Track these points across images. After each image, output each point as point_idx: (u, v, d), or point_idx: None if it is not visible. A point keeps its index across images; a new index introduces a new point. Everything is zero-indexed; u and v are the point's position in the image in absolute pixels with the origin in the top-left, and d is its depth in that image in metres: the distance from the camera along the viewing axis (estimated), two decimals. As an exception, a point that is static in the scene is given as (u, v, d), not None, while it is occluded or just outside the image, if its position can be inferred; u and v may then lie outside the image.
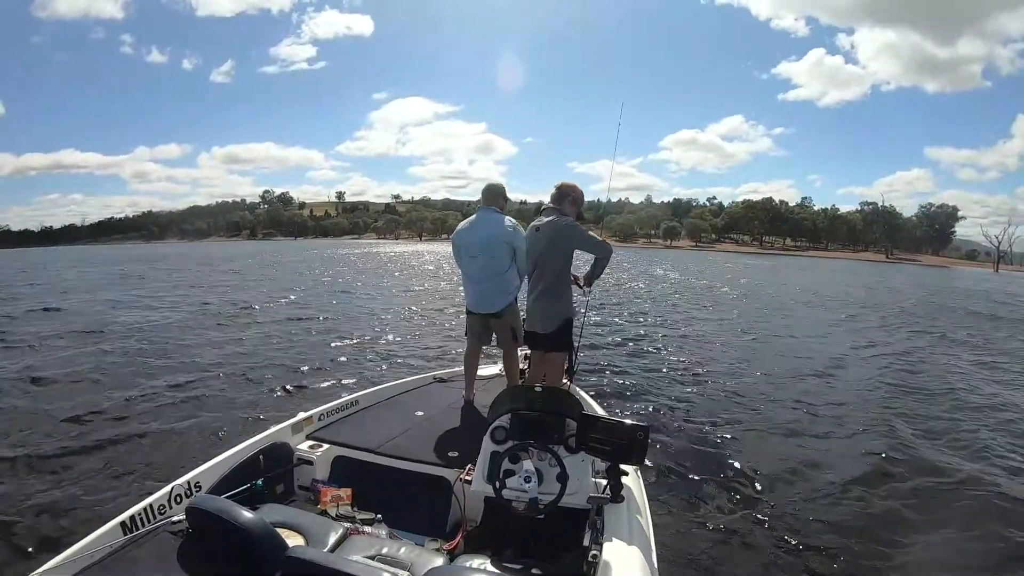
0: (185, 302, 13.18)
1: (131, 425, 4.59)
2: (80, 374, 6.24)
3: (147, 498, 1.90)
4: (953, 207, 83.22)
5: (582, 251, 3.12)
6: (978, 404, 5.65)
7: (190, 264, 31.00)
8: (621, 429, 1.91)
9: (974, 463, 4.00)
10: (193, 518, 1.64)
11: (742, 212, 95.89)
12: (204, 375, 6.24)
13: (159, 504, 1.89)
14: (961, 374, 7.02)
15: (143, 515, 1.82)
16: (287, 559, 1.40)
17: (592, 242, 3.09)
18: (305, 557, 1.40)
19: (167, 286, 17.51)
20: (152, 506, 1.87)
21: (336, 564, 1.36)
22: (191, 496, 1.98)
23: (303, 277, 21.88)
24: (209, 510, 1.55)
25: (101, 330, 9.06)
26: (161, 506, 1.89)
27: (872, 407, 5.31)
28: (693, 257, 54.02)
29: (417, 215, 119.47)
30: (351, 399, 3.13)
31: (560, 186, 3.18)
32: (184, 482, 2.03)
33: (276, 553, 1.42)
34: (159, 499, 1.91)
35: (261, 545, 1.44)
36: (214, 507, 1.56)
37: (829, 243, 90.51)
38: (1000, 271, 61.82)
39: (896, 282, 27.68)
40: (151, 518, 1.84)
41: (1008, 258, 72.03)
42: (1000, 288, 28.48)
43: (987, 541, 2.98)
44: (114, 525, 1.74)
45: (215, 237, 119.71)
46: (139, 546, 1.69)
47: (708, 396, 5.55)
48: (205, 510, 1.57)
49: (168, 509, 1.90)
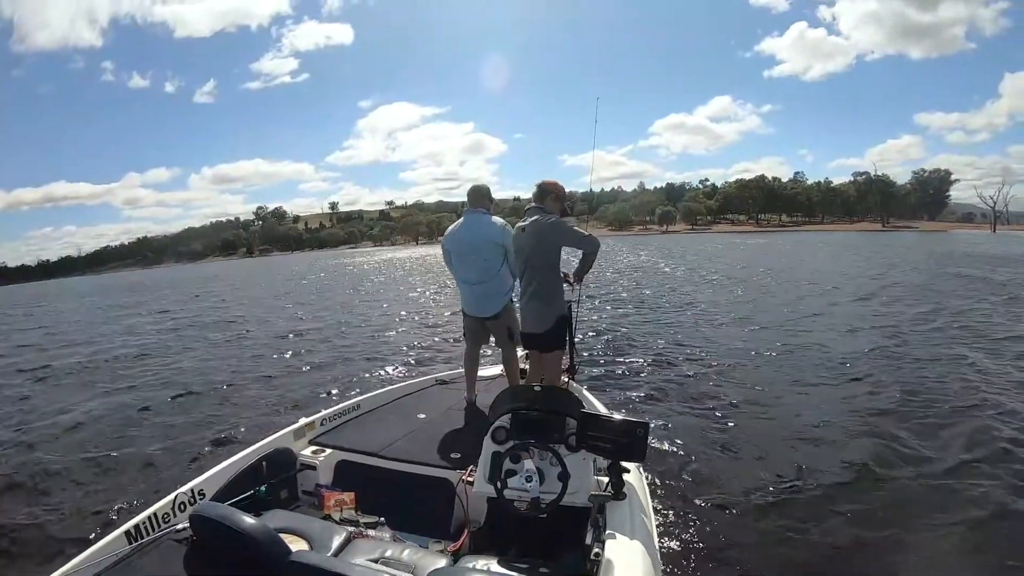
0: (186, 313, 13.42)
1: (135, 434, 4.59)
2: (82, 385, 6.34)
3: (151, 507, 1.92)
4: (946, 171, 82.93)
5: (569, 247, 3.11)
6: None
7: (189, 285, 31.22)
8: (622, 427, 1.90)
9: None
10: (197, 526, 1.64)
11: (736, 192, 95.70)
12: (207, 384, 6.20)
13: (163, 512, 1.91)
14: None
15: (148, 524, 1.84)
16: (291, 564, 1.40)
17: (578, 237, 3.08)
18: (309, 562, 1.41)
19: (173, 302, 17.77)
20: (156, 514, 1.88)
21: (339, 568, 1.37)
22: (195, 504, 2.00)
23: (302, 287, 22.01)
24: (212, 517, 1.56)
25: (99, 342, 9.14)
26: (165, 514, 1.91)
27: (883, 402, 4.95)
28: (690, 240, 53.56)
29: (412, 220, 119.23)
30: (353, 403, 3.14)
31: (541, 185, 3.21)
32: (188, 490, 2.05)
33: (280, 559, 1.43)
34: (163, 507, 1.93)
35: (265, 551, 1.44)
36: (217, 514, 1.56)
37: (825, 216, 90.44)
38: (998, 231, 61.62)
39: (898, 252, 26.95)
40: (156, 527, 1.85)
41: (1004, 217, 71.77)
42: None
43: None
44: (119, 534, 1.76)
45: (211, 258, 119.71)
46: (144, 555, 1.70)
47: (711, 392, 5.42)
48: (209, 517, 1.57)
49: (172, 517, 1.92)
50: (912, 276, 15.54)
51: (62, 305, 24.35)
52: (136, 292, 25.11)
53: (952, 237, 47.83)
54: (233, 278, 33.76)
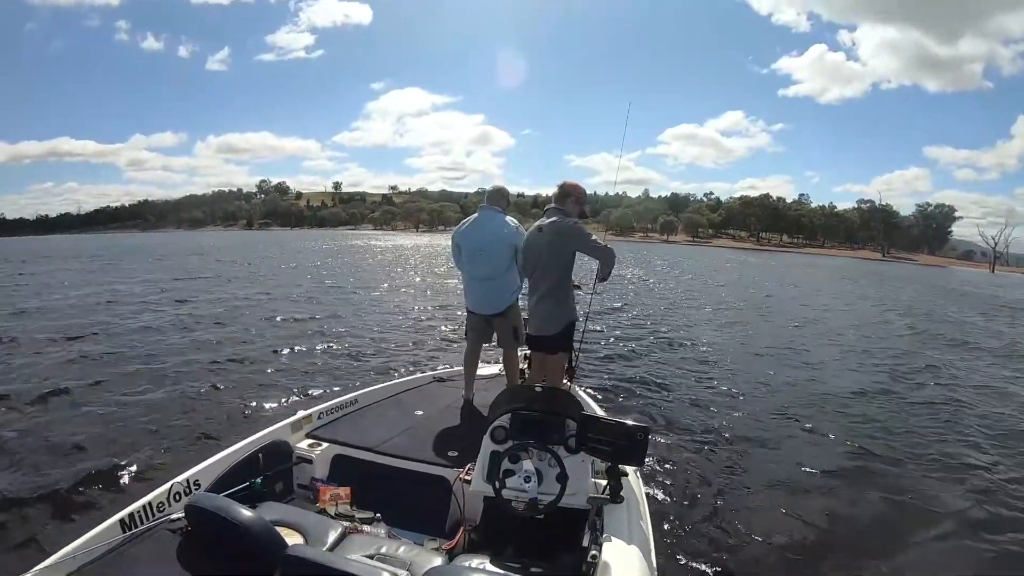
0: (182, 295, 12.96)
1: (131, 423, 4.58)
2: (75, 373, 6.15)
3: (146, 496, 1.90)
4: (950, 207, 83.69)
5: (583, 254, 3.07)
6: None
7: (189, 256, 30.71)
8: (621, 430, 1.91)
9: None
10: (192, 516, 1.64)
11: (739, 208, 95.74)
12: (203, 373, 6.17)
13: (158, 502, 1.89)
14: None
15: (142, 513, 1.83)
16: (286, 557, 1.39)
17: (595, 247, 3.00)
18: (304, 555, 1.40)
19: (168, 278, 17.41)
20: (151, 504, 1.87)
21: (335, 563, 1.36)
22: (190, 494, 1.98)
23: (301, 269, 21.81)
24: (208, 508, 1.55)
25: (93, 328, 8.88)
26: (160, 504, 1.90)
27: (878, 412, 5.29)
28: (689, 252, 53.76)
29: (414, 206, 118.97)
30: (351, 398, 3.13)
31: (562, 185, 3.12)
32: (183, 480, 2.03)
33: (275, 551, 1.42)
34: (158, 497, 1.91)
35: (260, 543, 1.44)
36: (213, 505, 1.56)
37: (826, 240, 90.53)
38: (996, 272, 61.75)
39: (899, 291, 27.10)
40: (150, 516, 1.84)
41: (1004, 259, 71.92)
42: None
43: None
44: (113, 522, 1.75)
45: (211, 227, 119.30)
46: (138, 544, 1.69)
47: (709, 397, 5.50)
48: (204, 508, 1.57)
49: (167, 507, 1.90)
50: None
51: (54, 267, 23.92)
52: (138, 258, 24.32)
53: (950, 273, 48.43)
54: (234, 253, 33.22)
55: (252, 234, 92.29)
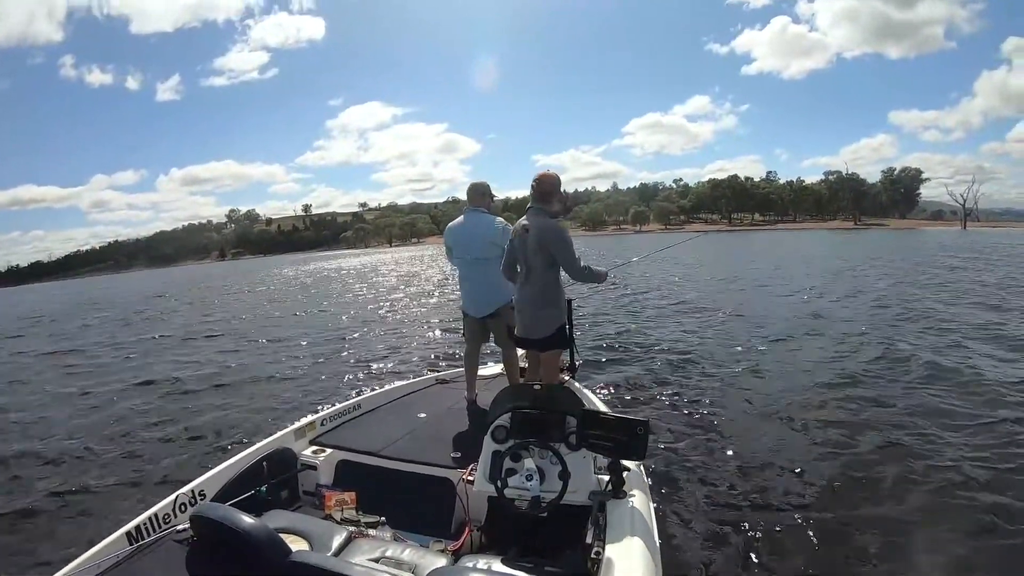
0: (183, 317, 13.57)
1: (135, 436, 4.68)
2: (81, 388, 6.31)
3: (152, 507, 1.92)
4: (916, 169, 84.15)
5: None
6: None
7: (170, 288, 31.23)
8: (622, 425, 1.92)
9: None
10: (197, 526, 1.63)
11: (708, 191, 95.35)
12: (206, 385, 6.33)
13: (164, 513, 1.91)
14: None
15: (148, 524, 1.84)
16: (291, 564, 1.41)
17: (569, 260, 2.84)
18: (309, 562, 1.43)
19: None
20: (157, 515, 1.89)
21: (340, 568, 1.39)
22: (195, 504, 2.00)
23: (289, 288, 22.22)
24: (213, 518, 1.55)
25: (95, 348, 9.38)
26: (166, 515, 1.91)
27: (888, 401, 4.79)
28: (659, 240, 53.00)
29: (386, 221, 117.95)
30: (353, 403, 3.16)
31: (541, 182, 2.93)
32: (188, 490, 2.06)
33: (280, 559, 1.43)
34: (164, 508, 1.93)
35: (265, 551, 1.44)
36: (218, 515, 1.55)
37: (797, 215, 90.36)
38: (968, 228, 61.12)
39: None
40: (156, 527, 1.85)
41: (974, 215, 71.41)
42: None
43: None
44: (120, 535, 1.77)
45: (184, 261, 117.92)
46: (145, 555, 1.71)
47: (711, 390, 5.31)
48: (209, 518, 1.56)
49: (173, 518, 1.92)
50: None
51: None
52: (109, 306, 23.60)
53: (921, 234, 48.23)
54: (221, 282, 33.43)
55: (230, 264, 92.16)
